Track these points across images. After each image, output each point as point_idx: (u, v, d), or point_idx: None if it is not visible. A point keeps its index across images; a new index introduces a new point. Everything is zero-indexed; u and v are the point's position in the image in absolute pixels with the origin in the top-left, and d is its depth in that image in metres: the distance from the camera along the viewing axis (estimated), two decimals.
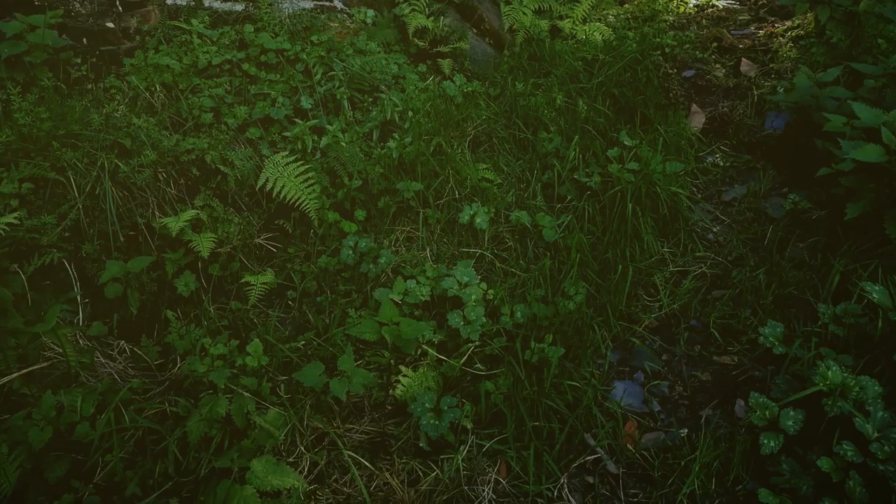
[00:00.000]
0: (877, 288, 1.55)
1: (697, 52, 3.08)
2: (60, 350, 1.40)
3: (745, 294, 1.87)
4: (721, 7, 3.85)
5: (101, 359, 1.50)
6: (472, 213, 1.94)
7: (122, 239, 1.65)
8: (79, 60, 1.98)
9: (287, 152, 1.95)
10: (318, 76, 2.31)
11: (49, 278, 1.59)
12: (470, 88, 2.61)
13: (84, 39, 2.05)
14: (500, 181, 2.15)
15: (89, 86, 1.95)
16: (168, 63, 2.05)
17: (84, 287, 1.60)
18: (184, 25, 2.25)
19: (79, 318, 1.55)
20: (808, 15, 3.14)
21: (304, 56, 2.33)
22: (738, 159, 2.53)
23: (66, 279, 1.59)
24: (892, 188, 1.72)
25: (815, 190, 2.11)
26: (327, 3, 2.84)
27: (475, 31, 3.10)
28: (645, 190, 2.07)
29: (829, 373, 1.39)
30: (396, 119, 2.28)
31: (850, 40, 2.77)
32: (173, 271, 1.69)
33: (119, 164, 1.68)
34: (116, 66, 2.08)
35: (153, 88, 1.99)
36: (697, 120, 2.66)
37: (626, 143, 2.28)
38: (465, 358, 1.62)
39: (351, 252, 1.81)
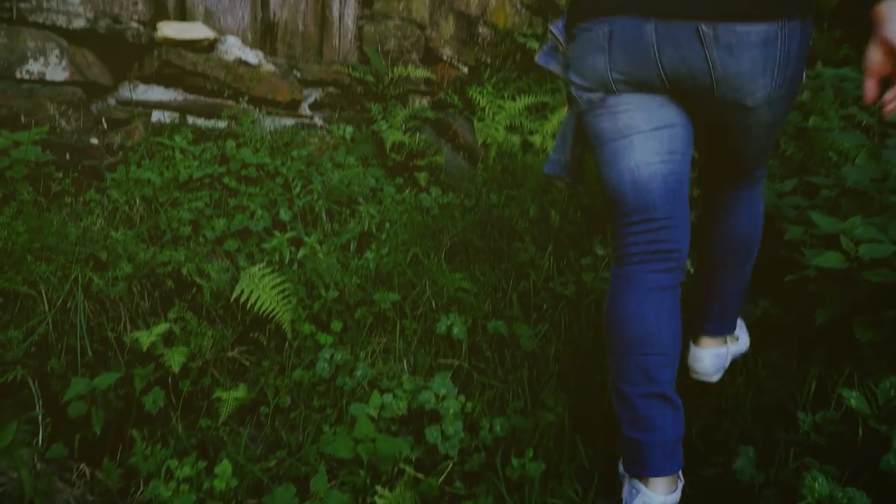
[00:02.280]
0: (853, 394, 1.55)
1: None
2: (15, 474, 1.33)
3: (725, 402, 1.86)
4: None
5: (60, 483, 1.42)
6: (449, 323, 1.94)
7: (90, 354, 1.61)
8: (60, 175, 2.01)
9: (264, 264, 1.96)
10: (298, 189, 2.37)
11: (10, 396, 1.52)
12: (446, 200, 2.69)
13: (67, 154, 2.09)
14: (476, 290, 2.17)
15: (69, 199, 1.97)
16: (149, 177, 2.10)
17: (47, 405, 1.54)
18: (167, 141, 2.32)
19: (38, 439, 1.48)
20: None
21: (284, 170, 2.40)
22: None
23: (29, 397, 1.53)
24: (856, 294, 1.77)
25: (785, 296, 2.16)
26: (308, 120, 2.96)
27: (450, 145, 3.23)
28: None
29: (816, 485, 1.36)
30: (374, 230, 2.33)
31: (802, 153, 2.94)
32: (142, 387, 1.64)
33: (93, 277, 1.66)
34: (98, 180, 2.11)
35: (133, 202, 2.02)
36: None
37: (598, 252, 2.33)
38: (443, 476, 1.56)
39: (326, 365, 1.78)
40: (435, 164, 2.97)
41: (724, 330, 1.69)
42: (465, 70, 3.90)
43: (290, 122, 2.84)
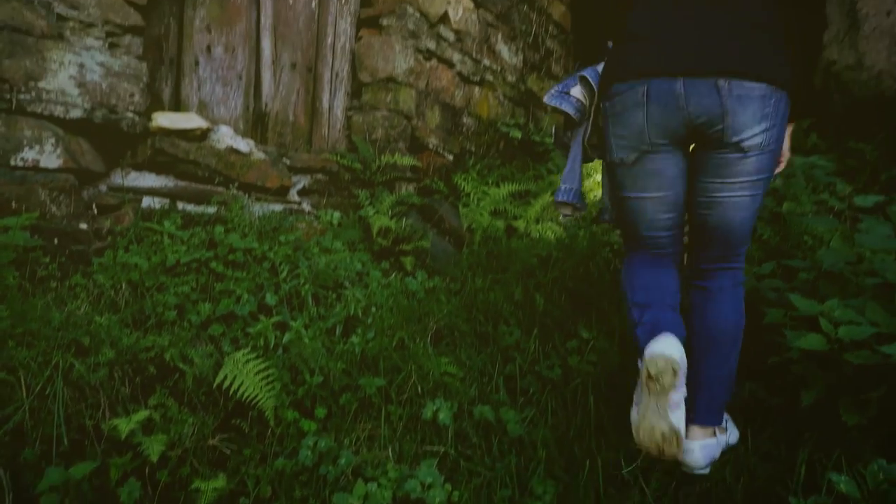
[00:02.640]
0: (843, 478, 1.54)
1: None
2: None
3: (716, 489, 1.82)
4: None
5: None
6: (434, 408, 1.92)
7: (66, 443, 1.56)
8: (47, 259, 2.02)
9: (249, 349, 1.94)
10: (284, 273, 2.39)
11: None
12: (431, 284, 2.71)
13: (55, 239, 2.11)
14: (462, 375, 2.16)
15: (54, 284, 1.97)
16: (136, 262, 2.11)
17: (17, 498, 1.48)
18: (156, 227, 2.34)
19: None
20: None
21: (272, 255, 2.42)
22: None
23: None
24: (839, 375, 1.78)
25: (769, 378, 2.16)
26: (296, 206, 3.01)
27: (436, 230, 3.29)
28: (605, 381, 2.10)
29: None
30: (360, 314, 2.33)
31: (779, 237, 3.02)
32: (117, 478, 1.59)
33: (75, 362, 1.64)
34: (84, 264, 2.12)
35: (119, 286, 2.02)
36: None
37: (583, 335, 2.35)
38: None
39: (309, 453, 1.74)
40: (421, 248, 3.02)
41: (712, 420, 1.71)
42: (451, 158, 4.03)
43: (278, 207, 2.89)
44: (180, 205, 2.55)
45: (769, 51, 1.54)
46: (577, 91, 1.82)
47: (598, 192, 2.87)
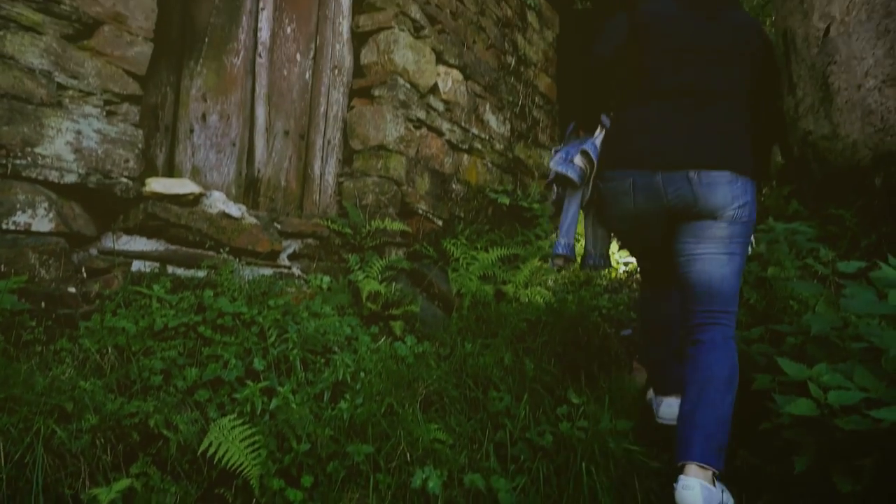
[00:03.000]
0: None
1: (632, 313, 3.32)
2: None
3: None
4: None
5: None
6: (424, 476, 1.88)
7: None
8: (34, 323, 2.00)
9: (235, 415, 1.91)
10: (273, 338, 2.37)
11: None
12: (421, 349, 2.70)
13: (43, 303, 2.09)
14: (452, 442, 2.12)
15: (39, 348, 1.94)
16: (124, 325, 2.09)
17: None
18: (145, 290, 2.33)
19: None
20: None
21: (261, 319, 2.41)
22: None
23: None
24: (831, 440, 1.77)
25: (761, 445, 2.14)
26: (286, 270, 3.02)
27: (425, 294, 3.30)
28: (598, 448, 2.07)
29: None
30: (348, 380, 2.30)
31: (765, 302, 3.06)
32: None
33: (56, 429, 1.60)
34: (71, 328, 2.10)
35: (105, 351, 1.99)
36: (640, 377, 2.77)
37: (574, 400, 2.33)
38: None
39: None
40: (410, 313, 3.01)
41: (710, 459, 1.77)
42: (440, 223, 4.08)
43: (268, 271, 2.89)
44: (170, 269, 2.55)
45: (733, 145, 1.92)
46: (578, 160, 2.10)
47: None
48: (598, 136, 2.09)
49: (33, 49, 2.18)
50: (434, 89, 4.14)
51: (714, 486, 1.75)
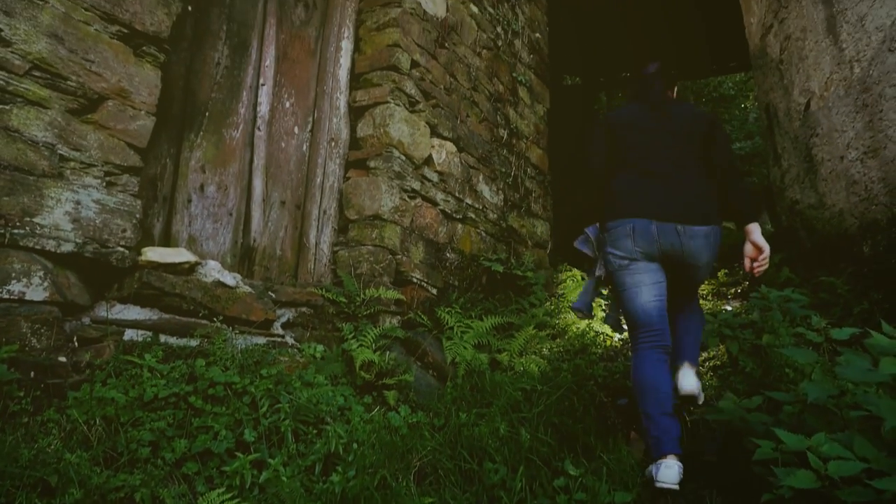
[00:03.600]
0: None
1: (628, 381, 3.29)
2: None
3: None
4: None
5: None
6: None
7: None
8: (21, 393, 1.97)
9: (224, 489, 1.86)
10: (265, 408, 2.33)
11: None
12: (415, 419, 2.66)
13: (32, 373, 2.07)
14: None
15: (26, 419, 1.91)
16: (113, 396, 2.06)
17: None
18: (136, 360, 2.31)
19: None
20: (721, 347, 3.47)
21: (252, 389, 2.38)
22: (684, 486, 2.52)
23: None
24: None
25: None
26: (279, 339, 3.00)
27: (419, 363, 3.27)
28: None
29: None
30: (341, 451, 2.26)
31: (761, 370, 3.04)
32: None
33: (38, 503, 1.56)
34: (59, 398, 2.07)
35: (93, 422, 1.95)
36: (637, 448, 2.72)
37: (571, 472, 2.28)
38: None
39: None
40: (404, 382, 2.98)
41: (694, 360, 2.78)
42: (434, 292, 4.09)
43: (261, 340, 2.88)
44: (163, 337, 2.54)
45: (706, 205, 2.54)
46: (588, 240, 2.76)
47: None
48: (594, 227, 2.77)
49: (38, 122, 2.24)
50: (428, 161, 4.24)
51: (698, 373, 2.76)
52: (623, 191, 2.60)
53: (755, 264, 2.58)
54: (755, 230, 2.57)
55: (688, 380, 2.72)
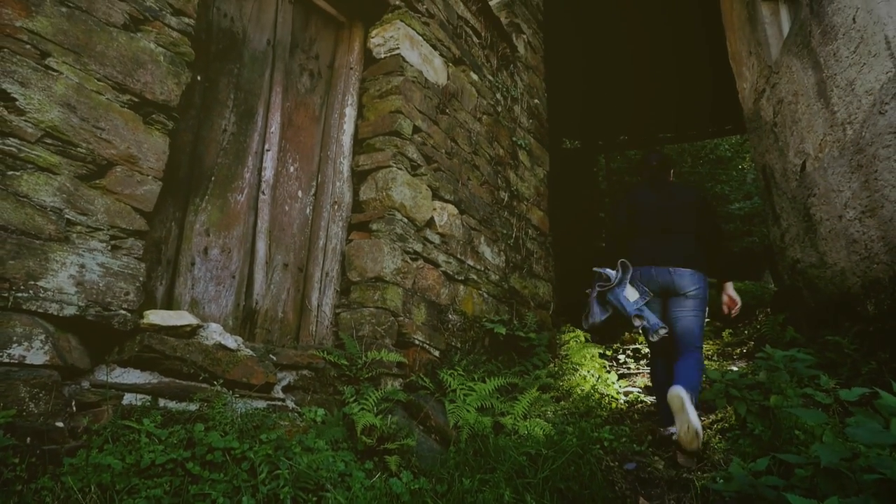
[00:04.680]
0: None
1: (635, 445, 3.22)
2: None
3: None
4: (649, 402, 4.14)
5: None
6: None
7: None
8: (17, 460, 1.93)
9: None
10: (264, 475, 2.28)
11: None
12: (417, 486, 2.59)
13: (28, 438, 2.03)
14: None
15: (20, 487, 1.87)
16: (110, 462, 2.02)
17: None
18: (135, 425, 2.28)
19: None
20: (729, 409, 3.41)
21: (252, 454, 2.34)
22: None
23: None
24: None
25: None
26: (280, 403, 2.96)
27: (421, 427, 3.21)
28: None
29: None
30: None
31: (770, 432, 2.98)
32: None
33: None
34: (55, 465, 2.02)
35: (88, 489, 1.91)
36: None
37: None
38: None
39: None
40: (406, 447, 2.92)
41: (691, 390, 3.26)
42: (437, 354, 4.06)
43: (262, 404, 2.84)
44: (162, 401, 2.50)
45: (695, 258, 3.61)
46: (607, 276, 3.65)
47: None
48: (613, 271, 3.66)
49: (47, 188, 2.29)
50: (430, 223, 4.28)
51: (692, 401, 3.19)
52: (637, 247, 3.73)
53: (732, 311, 3.72)
54: (729, 286, 3.76)
55: (682, 391, 3.29)
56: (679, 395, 3.11)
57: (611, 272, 3.62)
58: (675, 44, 10.10)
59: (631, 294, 3.61)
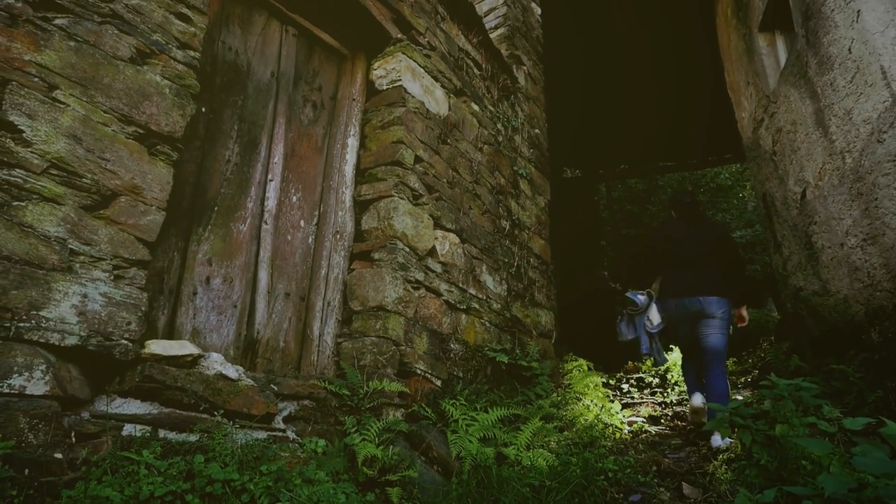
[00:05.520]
0: None
1: (640, 476, 3.18)
2: None
3: None
4: (654, 432, 4.11)
5: None
6: None
7: None
8: (14, 492, 1.91)
9: None
10: None
11: None
12: None
13: (26, 470, 2.02)
14: None
15: None
16: (108, 494, 2.00)
17: None
18: (134, 456, 2.26)
19: None
20: (735, 440, 3.37)
21: (252, 486, 2.31)
22: None
23: None
24: None
25: None
26: (280, 433, 2.94)
27: (423, 458, 3.18)
28: None
29: None
30: None
31: (777, 461, 2.94)
32: None
33: None
34: (53, 497, 2.00)
35: None
36: None
37: None
38: None
39: None
40: (408, 478, 2.89)
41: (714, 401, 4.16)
42: (439, 383, 4.03)
43: (262, 435, 2.81)
44: (162, 432, 2.49)
45: (720, 285, 4.40)
46: (637, 301, 4.59)
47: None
48: (641, 295, 4.65)
49: (52, 218, 2.31)
50: (432, 252, 4.29)
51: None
52: (669, 278, 4.54)
53: (740, 324, 4.52)
54: (743, 309, 4.54)
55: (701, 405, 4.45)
56: (697, 406, 4.47)
57: (640, 298, 4.44)
58: (678, 75, 10.24)
59: (654, 317, 4.46)
